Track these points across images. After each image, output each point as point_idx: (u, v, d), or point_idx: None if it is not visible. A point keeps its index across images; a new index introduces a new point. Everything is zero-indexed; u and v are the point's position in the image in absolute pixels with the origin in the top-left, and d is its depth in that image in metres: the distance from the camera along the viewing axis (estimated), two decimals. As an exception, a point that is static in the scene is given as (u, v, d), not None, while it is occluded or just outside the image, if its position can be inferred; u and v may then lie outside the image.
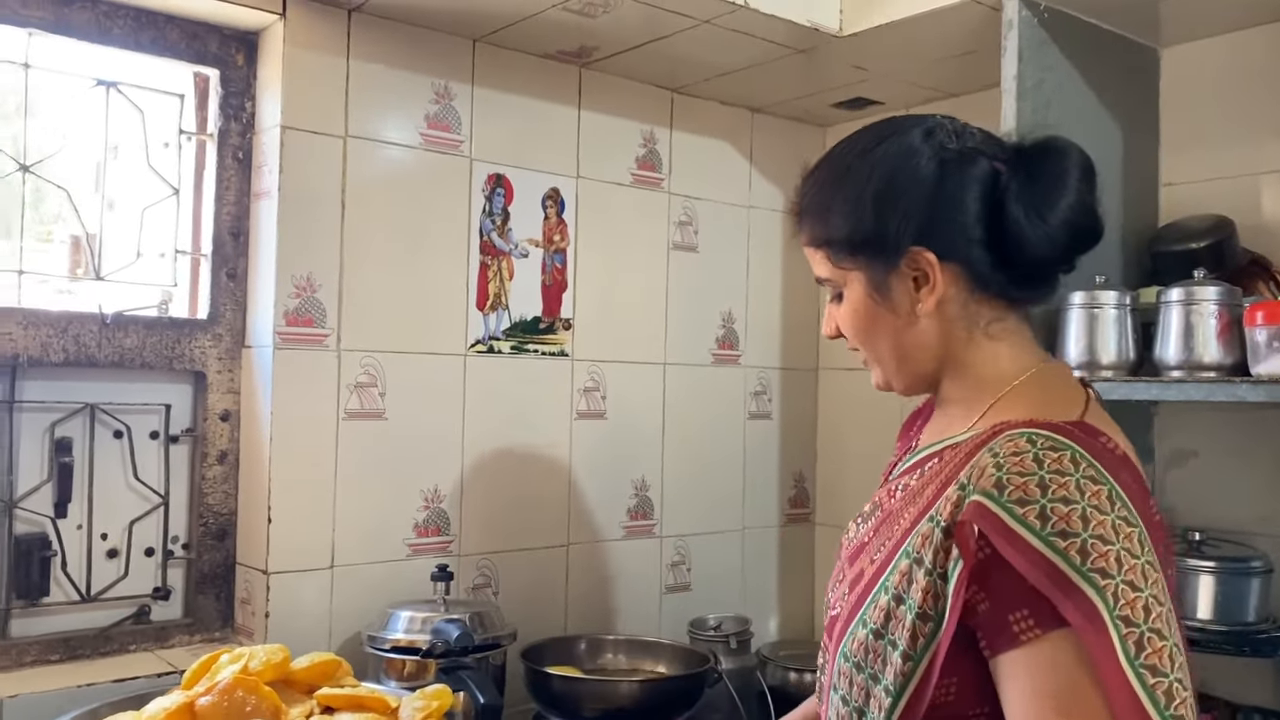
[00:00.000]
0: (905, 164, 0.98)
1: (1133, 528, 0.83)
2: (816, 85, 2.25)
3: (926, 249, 0.97)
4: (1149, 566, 0.82)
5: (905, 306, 1.00)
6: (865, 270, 1.01)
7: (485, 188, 1.99)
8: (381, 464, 1.86)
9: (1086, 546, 0.80)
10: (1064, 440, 0.86)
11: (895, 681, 0.89)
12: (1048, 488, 0.83)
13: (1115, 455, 0.90)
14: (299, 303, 1.78)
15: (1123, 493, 0.84)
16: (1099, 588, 0.79)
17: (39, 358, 1.64)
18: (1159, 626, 0.80)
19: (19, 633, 1.65)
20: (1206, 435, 1.89)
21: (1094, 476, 0.84)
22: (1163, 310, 1.60)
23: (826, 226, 1.03)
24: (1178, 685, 0.79)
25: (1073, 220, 0.96)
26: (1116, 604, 0.79)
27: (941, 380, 1.04)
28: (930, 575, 0.88)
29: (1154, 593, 0.81)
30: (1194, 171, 1.93)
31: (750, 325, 2.41)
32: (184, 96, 1.82)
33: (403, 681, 1.62)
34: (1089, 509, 0.82)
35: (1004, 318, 1.01)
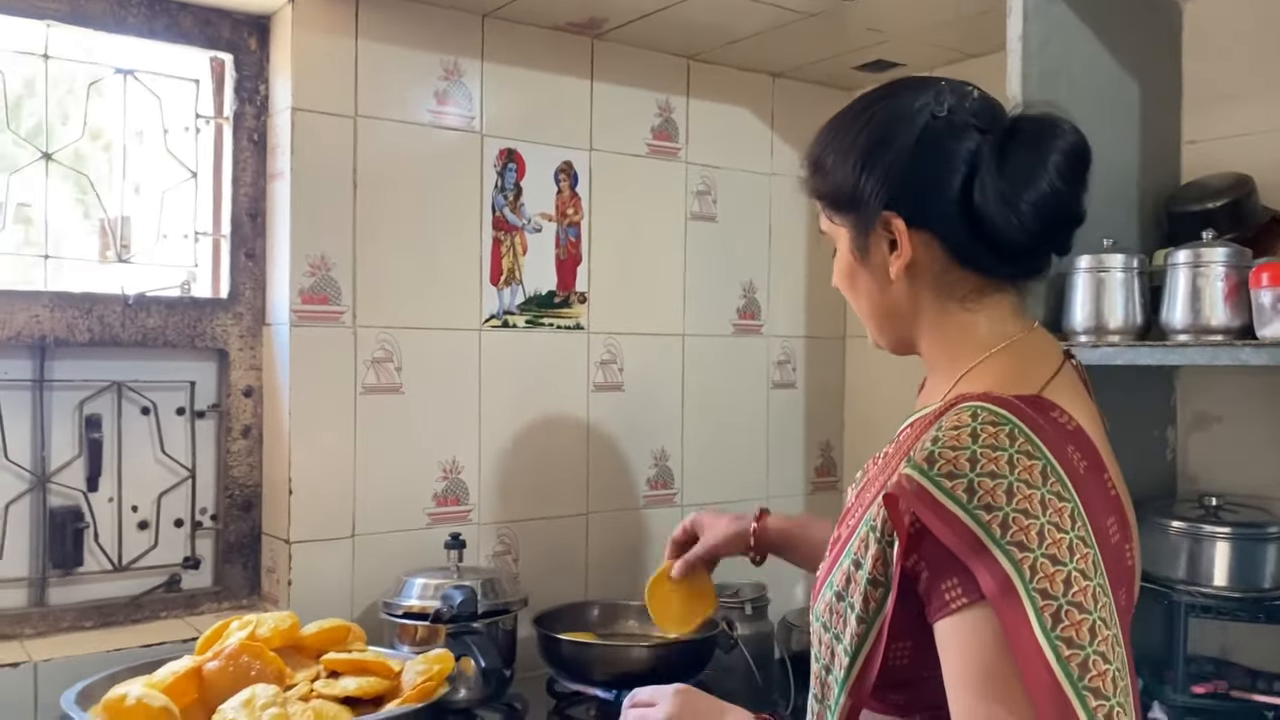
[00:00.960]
0: (892, 127, 0.98)
1: (1065, 503, 0.83)
2: (835, 48, 2.22)
3: (896, 214, 0.97)
4: (1079, 541, 0.82)
5: (880, 268, 1.01)
6: (849, 227, 1.02)
7: (496, 163, 2.01)
8: (400, 437, 1.91)
9: (1008, 520, 0.81)
10: (1006, 415, 0.86)
11: (852, 643, 0.93)
12: (977, 461, 0.84)
13: (1065, 429, 0.90)
14: (314, 281, 1.82)
15: (1060, 468, 0.85)
16: (1015, 560, 0.80)
17: (66, 338, 1.71)
18: (1080, 600, 0.80)
19: (56, 600, 1.74)
20: (1228, 400, 1.85)
21: (1029, 451, 0.84)
22: (1170, 273, 1.56)
23: (822, 180, 1.04)
24: (1097, 658, 0.80)
25: (1043, 209, 0.94)
26: (1034, 577, 0.80)
27: (920, 346, 1.05)
28: (880, 543, 0.91)
29: (1080, 567, 0.81)
30: (1218, 128, 1.88)
31: (773, 294, 2.41)
32: (199, 81, 1.87)
33: (416, 646, 1.67)
34: (1016, 483, 0.83)
35: (983, 289, 1.00)
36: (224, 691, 1.35)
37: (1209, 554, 1.69)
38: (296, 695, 1.37)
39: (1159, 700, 1.71)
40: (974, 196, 0.94)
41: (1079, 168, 0.95)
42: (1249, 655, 1.80)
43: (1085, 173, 0.96)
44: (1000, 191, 0.93)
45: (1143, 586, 1.72)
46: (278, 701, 1.31)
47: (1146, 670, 1.80)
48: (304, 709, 1.32)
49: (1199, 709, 1.67)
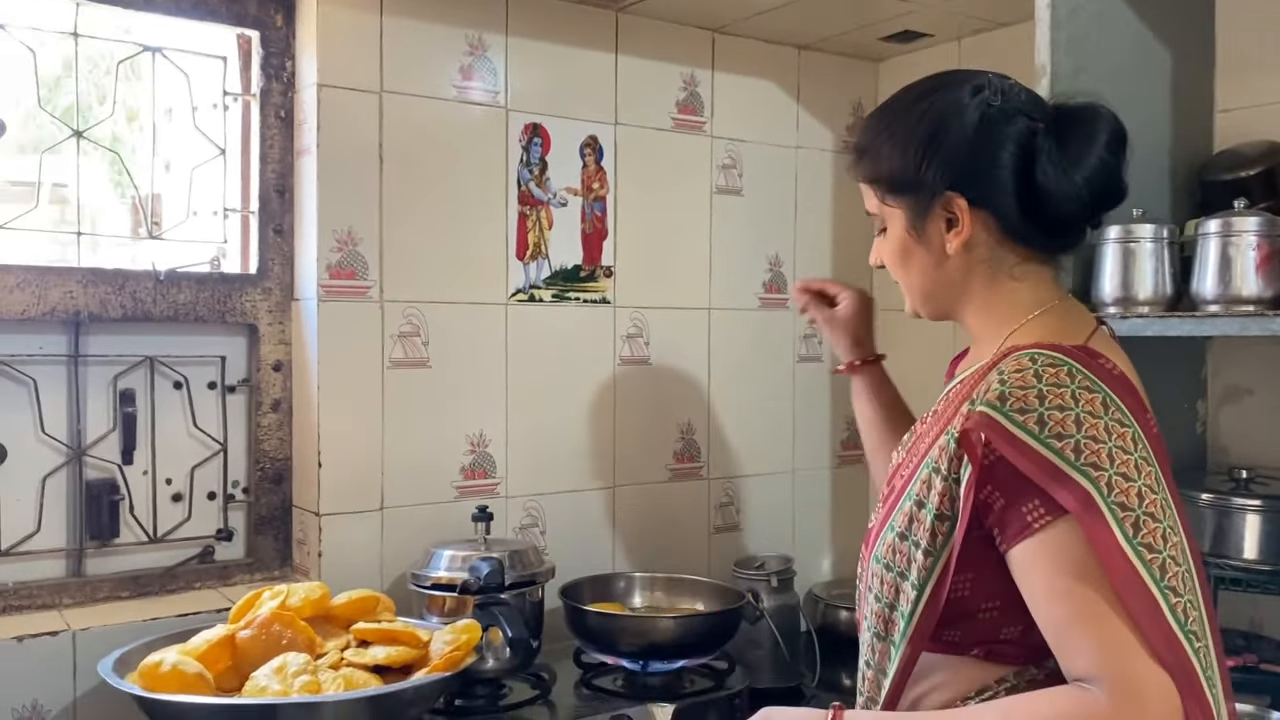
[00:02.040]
0: (951, 116, 1.08)
1: (1125, 428, 0.94)
2: (863, 19, 2.21)
3: (960, 195, 1.07)
4: (1143, 461, 0.93)
5: (937, 245, 1.11)
6: (905, 209, 1.12)
7: (522, 138, 2.02)
8: (427, 410, 1.93)
9: (1080, 445, 0.92)
10: (1062, 357, 0.98)
11: (919, 576, 1.02)
12: (1045, 397, 0.95)
13: (1113, 374, 0.99)
14: (341, 256, 1.84)
15: (1118, 399, 0.96)
16: (1092, 479, 0.91)
17: (99, 314, 1.74)
18: (1152, 510, 0.91)
19: (92, 571, 1.77)
20: (1260, 372, 1.83)
21: (1088, 386, 0.95)
22: (1200, 242, 1.54)
23: (876, 165, 1.14)
24: (1169, 560, 0.90)
25: (1096, 181, 1.05)
26: (1111, 492, 0.91)
27: (965, 315, 1.15)
28: (946, 480, 1.01)
29: (1147, 483, 0.92)
30: (1252, 97, 1.85)
31: (799, 268, 2.40)
32: (227, 59, 1.88)
33: (444, 617, 1.69)
34: (1082, 414, 0.93)
35: (1027, 261, 1.10)
36: (256, 659, 1.38)
37: (1239, 527, 1.67)
38: (327, 664, 1.40)
39: (1187, 673, 1.70)
40: (1035, 175, 1.05)
41: (1122, 146, 1.07)
42: (1279, 628, 1.79)
43: (1126, 151, 1.08)
44: (1063, 169, 1.04)
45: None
46: (309, 669, 1.33)
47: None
48: (334, 676, 1.35)
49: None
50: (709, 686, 1.81)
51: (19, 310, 1.68)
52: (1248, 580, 1.66)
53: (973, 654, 1.02)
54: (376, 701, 1.34)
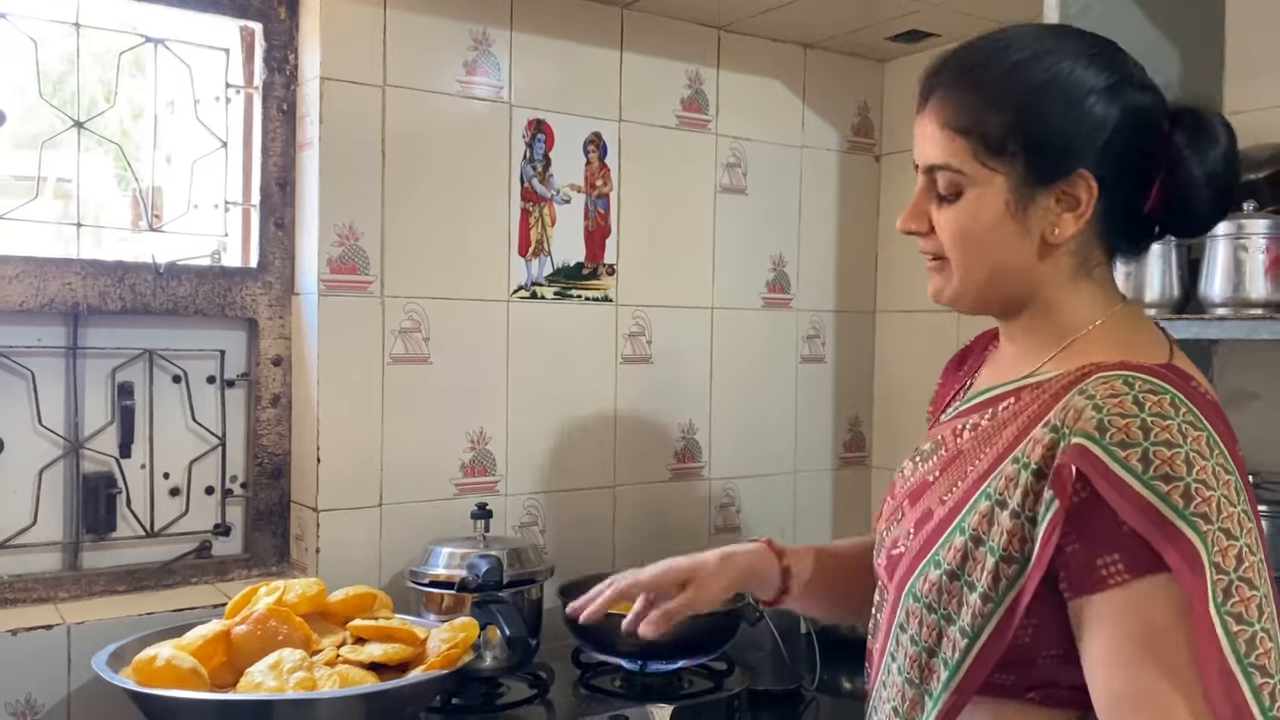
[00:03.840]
0: (1100, 85, 0.93)
1: (1230, 475, 0.83)
2: (868, 18, 2.19)
3: (1093, 175, 0.93)
4: (1244, 515, 0.82)
5: (1038, 226, 0.95)
6: (1014, 176, 0.94)
7: (525, 134, 2.01)
8: (427, 407, 1.92)
9: (1190, 490, 0.80)
10: (1162, 384, 0.85)
11: (973, 623, 0.89)
12: (1150, 430, 0.82)
13: (1207, 400, 0.88)
14: (342, 251, 1.83)
15: (1219, 439, 0.84)
16: (1201, 532, 0.79)
17: (98, 306, 1.73)
18: (1249, 576, 0.80)
19: (89, 565, 1.76)
20: (1267, 376, 1.82)
21: (1193, 422, 0.83)
22: (1209, 245, 1.53)
23: (987, 114, 0.94)
24: (1263, 635, 0.79)
25: (1226, 174, 0.95)
26: (1214, 546, 0.79)
27: (1022, 312, 1.00)
28: (1018, 518, 0.88)
29: (1247, 541, 0.81)
30: (1262, 98, 1.83)
31: (802, 268, 2.39)
32: (229, 51, 1.87)
33: (442, 615, 1.68)
34: (1192, 453, 0.81)
35: (1107, 262, 0.99)
36: (251, 655, 1.37)
37: (1244, 532, 1.66)
38: (322, 660, 1.38)
39: (1190, 679, 1.68)
40: (1177, 176, 0.93)
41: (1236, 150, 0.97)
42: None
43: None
44: (1203, 176, 0.93)
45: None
46: (304, 665, 1.32)
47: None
48: (330, 673, 1.34)
49: (1231, 688, 1.65)
50: (708, 688, 1.79)
51: (17, 301, 1.67)
52: (1253, 586, 1.64)
53: (1027, 698, 0.91)
54: (372, 699, 1.33)
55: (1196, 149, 0.93)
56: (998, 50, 0.97)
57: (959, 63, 0.98)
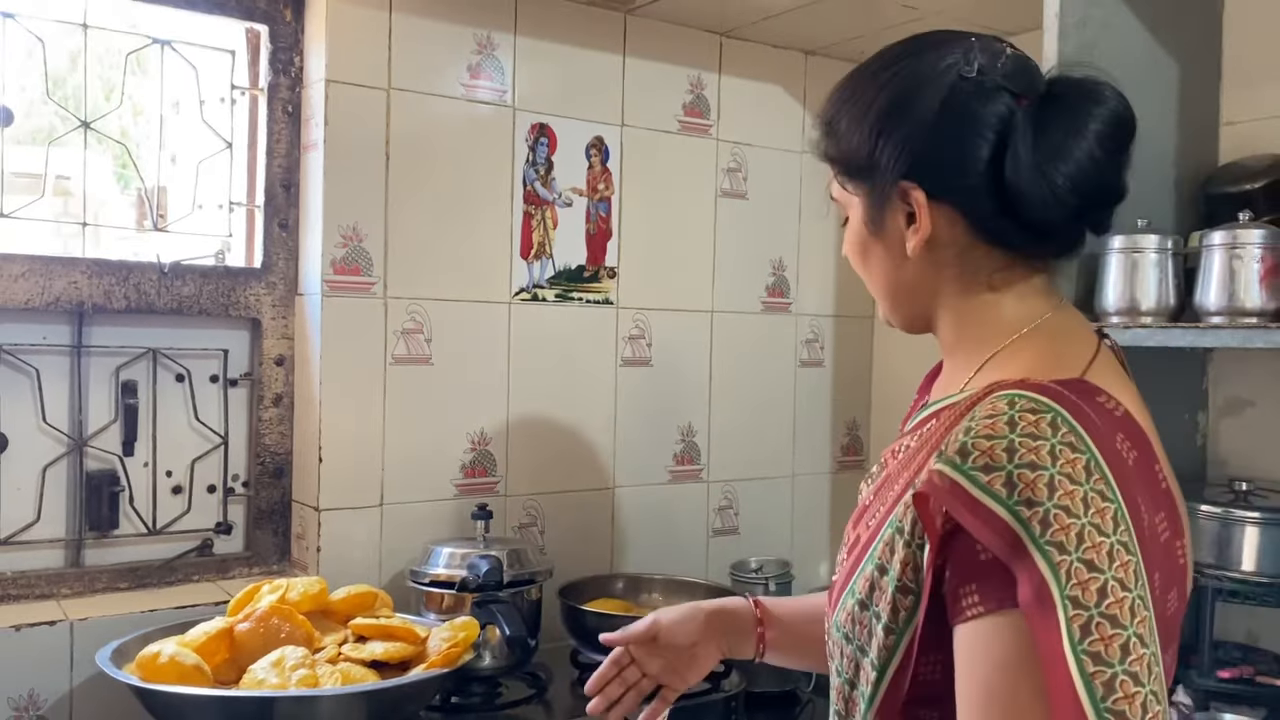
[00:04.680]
0: (915, 88, 0.88)
1: (1108, 503, 0.75)
2: (868, 25, 2.21)
3: (916, 185, 0.88)
4: (1120, 548, 0.74)
5: (896, 243, 0.91)
6: (863, 197, 0.93)
7: (528, 137, 2.02)
8: (428, 407, 1.93)
9: (1049, 517, 0.73)
10: (1048, 401, 0.78)
11: (879, 655, 0.85)
12: (1015, 452, 0.75)
13: (1113, 416, 0.82)
14: (346, 252, 1.84)
15: (1105, 464, 0.76)
16: (1053, 563, 0.72)
17: (103, 305, 1.74)
18: (1114, 613, 0.72)
19: (91, 562, 1.77)
20: (1261, 384, 1.83)
21: (1071, 443, 0.76)
22: (1205, 254, 1.55)
23: (835, 142, 0.94)
24: (1126, 679, 0.71)
25: (1082, 183, 0.85)
26: (1068, 582, 0.72)
27: (937, 328, 0.96)
28: (909, 546, 0.83)
29: (1119, 576, 0.73)
30: (1258, 109, 1.85)
31: (802, 273, 2.41)
32: (235, 53, 1.89)
33: (442, 614, 1.70)
34: (1059, 476, 0.74)
35: (1010, 267, 0.91)
36: (254, 652, 1.38)
37: (1238, 539, 1.68)
38: (324, 658, 1.40)
39: (1184, 684, 1.70)
40: (1005, 168, 0.85)
41: (1122, 137, 0.87)
42: (1276, 641, 1.79)
43: (1128, 143, 0.87)
44: (1035, 163, 0.84)
45: (1169, 570, 1.71)
46: (306, 663, 1.33)
47: (1171, 654, 1.80)
48: (331, 671, 1.35)
49: (1224, 694, 1.67)
50: (705, 689, 1.80)
51: (23, 300, 1.68)
52: (1246, 593, 1.66)
53: None
54: (373, 696, 1.34)
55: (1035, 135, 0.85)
56: (850, 77, 0.96)
57: (830, 97, 0.97)
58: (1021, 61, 0.89)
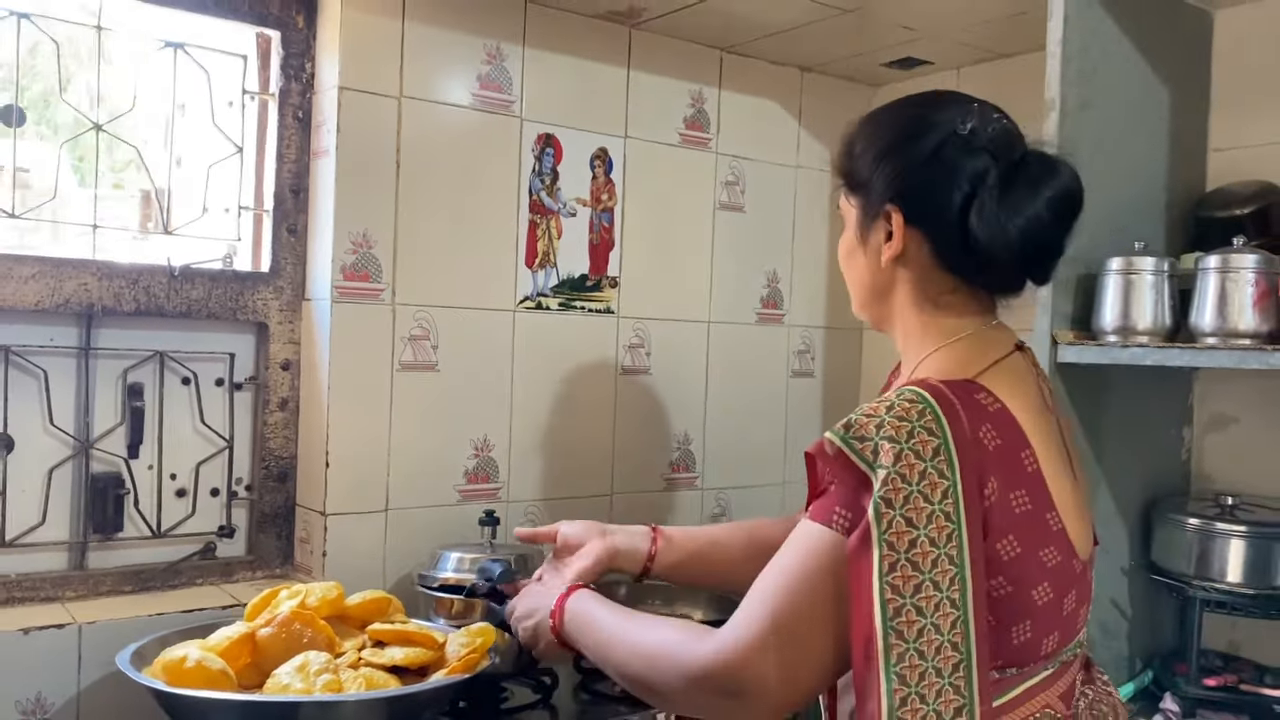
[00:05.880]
0: (917, 132, 1.09)
1: (945, 480, 0.94)
2: (866, 45, 2.26)
3: (899, 210, 1.10)
4: (942, 516, 0.94)
5: (874, 253, 1.14)
6: (857, 210, 1.15)
7: (535, 147, 2.04)
8: (433, 414, 1.94)
9: (888, 479, 0.94)
10: (926, 395, 0.98)
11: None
12: (883, 428, 0.96)
13: (986, 410, 1.01)
14: (356, 258, 1.85)
15: (954, 449, 0.95)
16: (879, 513, 0.93)
17: (112, 307, 1.74)
18: (917, 560, 0.93)
19: (95, 564, 1.77)
20: (1246, 401, 1.90)
21: (929, 427, 0.96)
22: (1200, 277, 1.61)
23: (848, 160, 1.17)
24: (912, 609, 0.92)
25: (1029, 237, 1.05)
26: (889, 528, 0.93)
27: (892, 331, 1.18)
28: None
29: (930, 535, 0.93)
30: (1244, 137, 1.92)
31: (795, 285, 2.45)
32: (247, 57, 1.89)
33: (450, 619, 1.71)
34: (906, 451, 0.94)
35: (957, 290, 1.12)
36: (276, 657, 1.39)
37: (1223, 551, 1.74)
38: (345, 663, 1.41)
39: (1171, 691, 1.76)
40: (970, 212, 1.05)
41: (1068, 208, 1.07)
42: (1257, 651, 1.85)
43: (1073, 215, 1.08)
44: (995, 214, 1.04)
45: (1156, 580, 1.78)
46: (330, 668, 1.34)
47: (1158, 662, 1.86)
48: (354, 675, 1.36)
49: (1210, 701, 1.73)
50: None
51: (33, 301, 1.67)
52: (1231, 603, 1.73)
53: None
54: (396, 702, 1.35)
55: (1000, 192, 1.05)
56: (876, 112, 1.18)
57: (854, 124, 1.19)
58: (1007, 131, 1.10)
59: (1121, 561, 1.83)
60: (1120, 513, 1.82)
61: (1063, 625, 1.04)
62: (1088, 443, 1.74)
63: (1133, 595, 1.84)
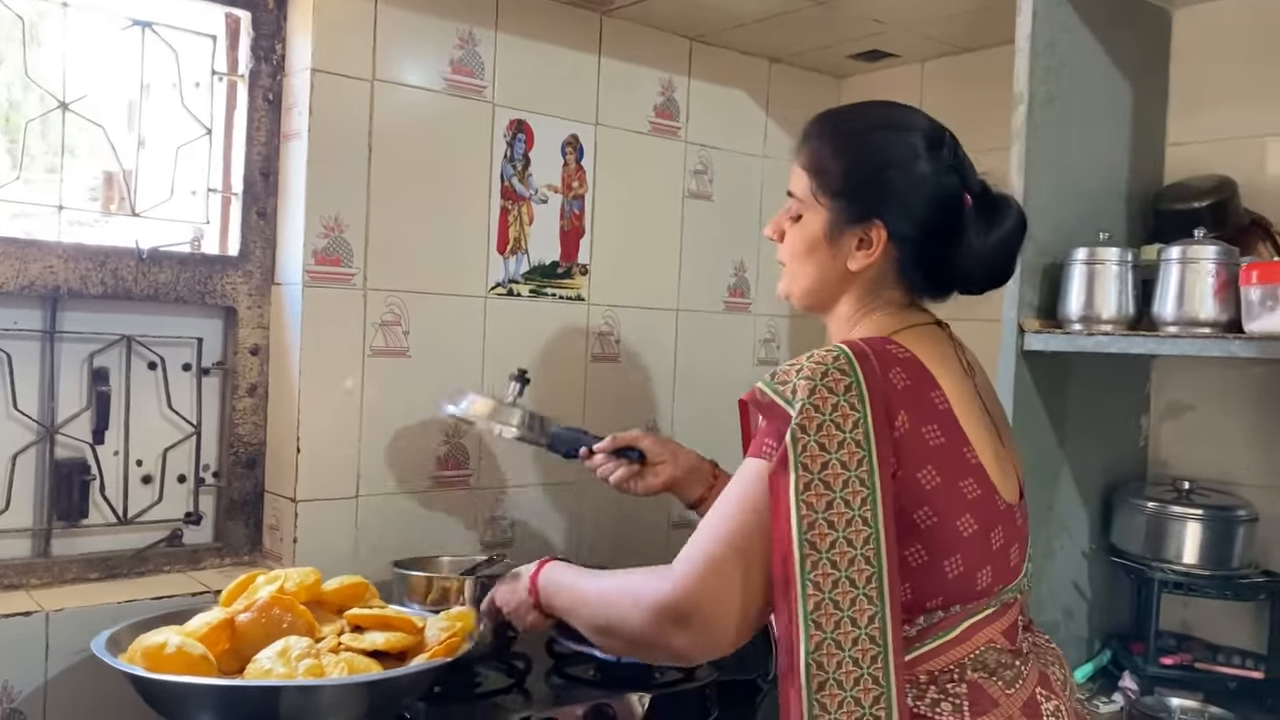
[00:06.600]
0: (912, 158, 1.19)
1: (855, 412, 1.05)
2: (834, 37, 2.28)
3: (886, 225, 1.18)
4: (852, 443, 1.04)
5: (843, 255, 1.21)
6: (832, 213, 1.21)
7: (507, 133, 2.04)
8: (405, 399, 1.94)
9: (803, 409, 1.04)
10: (842, 346, 1.10)
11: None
12: (801, 372, 1.07)
13: (896, 356, 1.12)
14: (327, 242, 1.84)
15: (865, 386, 1.06)
16: (795, 439, 1.03)
17: (79, 290, 1.71)
18: (828, 480, 1.03)
19: (60, 552, 1.73)
20: (1201, 389, 1.96)
21: (844, 369, 1.07)
22: (1162, 268, 1.65)
23: (822, 163, 1.22)
24: (823, 524, 1.02)
25: (1000, 261, 1.21)
26: (803, 451, 1.03)
27: (829, 317, 1.27)
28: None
29: (842, 459, 1.03)
30: (1200, 132, 1.98)
31: (761, 274, 2.47)
32: (216, 37, 1.86)
33: (426, 606, 1.70)
34: (821, 387, 1.05)
35: (897, 290, 1.23)
36: (255, 643, 1.38)
37: (1180, 534, 1.80)
38: (326, 648, 1.40)
39: (1130, 670, 1.82)
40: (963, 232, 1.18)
41: (1021, 236, 1.22)
42: (1208, 630, 1.92)
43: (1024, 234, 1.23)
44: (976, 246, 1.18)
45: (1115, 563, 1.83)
46: (312, 653, 1.34)
47: (1116, 642, 1.91)
48: (336, 660, 1.35)
49: (1167, 679, 1.79)
50: (678, 678, 1.85)
51: (-3, 283, 1.64)
52: (1188, 584, 1.78)
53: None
54: (380, 686, 1.35)
55: (982, 229, 1.18)
56: (854, 118, 1.26)
57: (829, 120, 1.26)
58: (968, 161, 1.23)
59: (1082, 545, 1.88)
60: (1081, 497, 1.87)
61: (994, 560, 1.12)
62: (1051, 429, 1.79)
63: (1093, 577, 1.89)
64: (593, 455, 1.74)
